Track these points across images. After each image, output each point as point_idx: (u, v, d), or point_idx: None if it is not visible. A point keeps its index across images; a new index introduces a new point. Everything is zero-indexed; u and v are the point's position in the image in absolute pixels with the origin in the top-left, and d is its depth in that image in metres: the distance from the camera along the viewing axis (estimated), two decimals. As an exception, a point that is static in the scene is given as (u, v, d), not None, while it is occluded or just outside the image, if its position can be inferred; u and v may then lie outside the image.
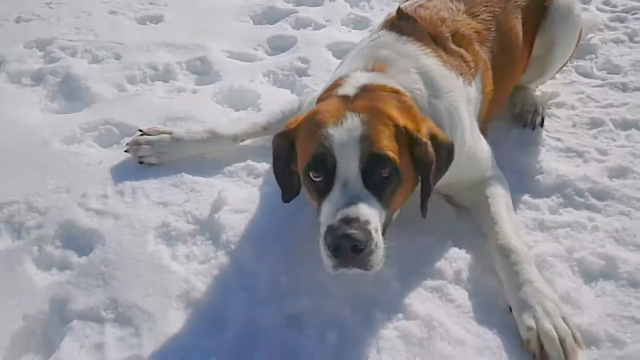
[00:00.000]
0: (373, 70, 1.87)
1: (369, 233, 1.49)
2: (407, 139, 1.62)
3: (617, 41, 3.67)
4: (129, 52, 3.36)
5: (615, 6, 4.25)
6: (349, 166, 1.57)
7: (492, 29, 2.21)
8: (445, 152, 1.69)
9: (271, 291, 1.80)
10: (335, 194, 1.57)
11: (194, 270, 1.86)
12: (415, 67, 1.88)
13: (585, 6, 4.30)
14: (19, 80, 3.09)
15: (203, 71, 3.22)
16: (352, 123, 1.59)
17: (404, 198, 1.72)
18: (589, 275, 1.89)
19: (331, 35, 3.60)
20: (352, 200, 1.54)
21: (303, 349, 1.62)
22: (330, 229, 1.49)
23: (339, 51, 3.37)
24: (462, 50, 2.05)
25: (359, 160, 1.57)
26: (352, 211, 1.51)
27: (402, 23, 2.01)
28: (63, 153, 2.42)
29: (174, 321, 1.70)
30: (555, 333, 1.57)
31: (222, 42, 3.54)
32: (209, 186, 2.21)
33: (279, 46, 3.55)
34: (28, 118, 2.73)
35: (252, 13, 4.03)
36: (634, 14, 4.10)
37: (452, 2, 2.20)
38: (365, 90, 1.73)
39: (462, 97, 1.95)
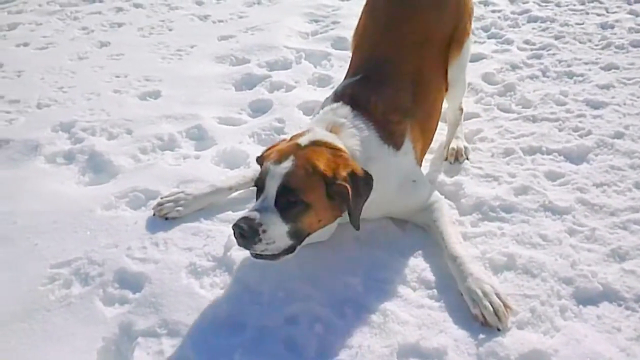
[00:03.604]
0: (331, 131, 2.54)
1: (255, 230, 2.17)
2: (323, 181, 2.28)
3: (532, 77, 4.35)
4: (138, 127, 3.93)
5: (534, 44, 4.93)
6: (269, 190, 2.29)
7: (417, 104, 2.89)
8: (362, 182, 2.33)
9: (273, 302, 2.42)
10: (257, 201, 2.31)
11: (218, 294, 2.49)
12: (359, 136, 2.58)
13: (508, 47, 5.09)
14: (54, 160, 3.64)
15: (200, 137, 3.80)
16: (286, 164, 2.27)
17: (317, 222, 2.36)
18: (496, 269, 2.55)
19: (300, 95, 4.24)
20: (259, 209, 2.25)
21: (300, 338, 2.26)
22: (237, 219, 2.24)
23: (308, 109, 4.02)
24: (394, 126, 2.70)
25: (277, 188, 2.28)
26: (253, 214, 2.22)
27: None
28: (105, 218, 3.01)
29: (209, 330, 2.32)
30: (491, 307, 2.24)
31: (211, 109, 4.13)
32: (220, 232, 2.82)
33: (258, 108, 4.16)
34: (68, 191, 3.31)
35: (233, 80, 4.61)
36: (548, 50, 4.82)
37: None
38: (314, 144, 2.39)
39: (390, 164, 2.64)
